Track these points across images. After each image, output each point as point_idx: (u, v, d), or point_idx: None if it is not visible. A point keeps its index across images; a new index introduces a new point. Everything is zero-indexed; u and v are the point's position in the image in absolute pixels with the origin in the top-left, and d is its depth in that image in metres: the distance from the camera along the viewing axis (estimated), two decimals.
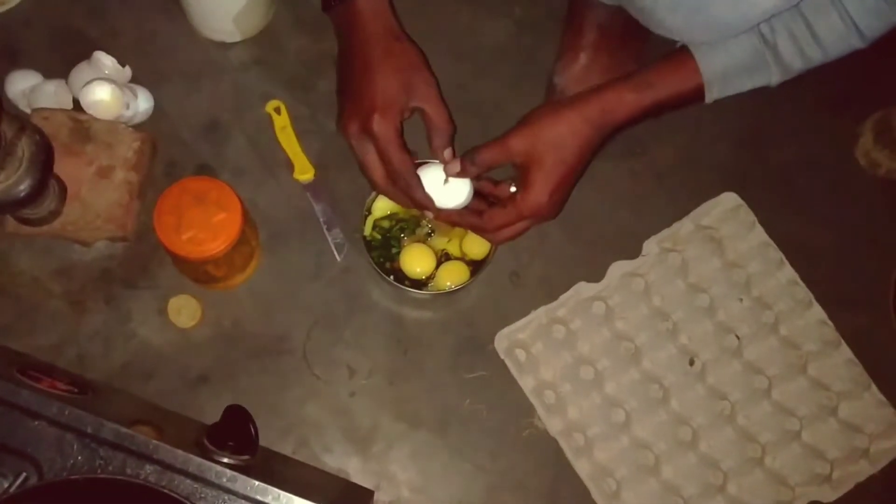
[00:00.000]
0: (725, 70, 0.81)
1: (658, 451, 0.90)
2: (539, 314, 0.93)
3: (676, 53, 0.82)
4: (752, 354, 0.92)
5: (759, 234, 0.96)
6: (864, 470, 0.90)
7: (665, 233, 0.95)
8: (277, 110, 0.97)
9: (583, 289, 0.94)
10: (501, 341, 0.92)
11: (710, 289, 0.94)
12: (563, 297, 0.94)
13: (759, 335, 0.93)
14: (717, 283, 0.94)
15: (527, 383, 0.91)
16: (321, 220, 0.95)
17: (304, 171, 0.95)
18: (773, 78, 0.82)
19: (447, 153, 0.83)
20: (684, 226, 0.95)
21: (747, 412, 0.91)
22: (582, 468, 0.89)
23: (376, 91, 0.80)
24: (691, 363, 0.92)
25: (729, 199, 0.96)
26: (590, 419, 0.90)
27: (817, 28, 0.79)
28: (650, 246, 0.95)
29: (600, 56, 0.96)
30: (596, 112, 0.80)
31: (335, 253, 0.94)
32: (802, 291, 0.94)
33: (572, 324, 0.93)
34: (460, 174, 0.83)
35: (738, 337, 0.92)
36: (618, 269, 0.94)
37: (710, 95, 0.83)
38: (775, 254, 0.95)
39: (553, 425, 0.90)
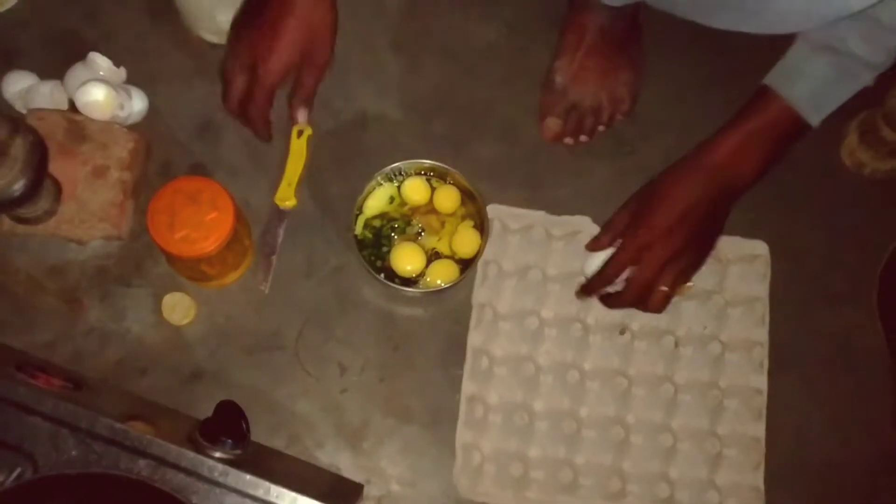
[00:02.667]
0: (813, 92, 0.84)
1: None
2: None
3: (760, 100, 0.86)
4: (681, 378, 0.92)
5: (761, 289, 0.95)
6: None
7: None
8: (300, 133, 0.96)
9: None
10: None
11: (686, 301, 0.94)
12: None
13: (698, 362, 0.93)
14: (695, 299, 0.94)
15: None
16: (270, 244, 0.94)
17: (287, 199, 0.95)
18: (865, 78, 0.83)
19: None
20: None
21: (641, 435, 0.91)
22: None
23: (280, 45, 0.88)
24: (623, 331, 0.93)
25: (757, 247, 0.96)
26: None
27: (882, 17, 0.78)
28: None
29: (600, 57, 0.98)
30: (721, 188, 0.87)
31: (265, 280, 0.93)
32: (761, 356, 0.93)
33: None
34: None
35: (677, 343, 0.93)
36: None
37: (813, 121, 0.85)
38: (761, 310, 0.94)
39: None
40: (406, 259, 0.91)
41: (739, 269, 0.95)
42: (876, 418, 0.93)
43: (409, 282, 0.91)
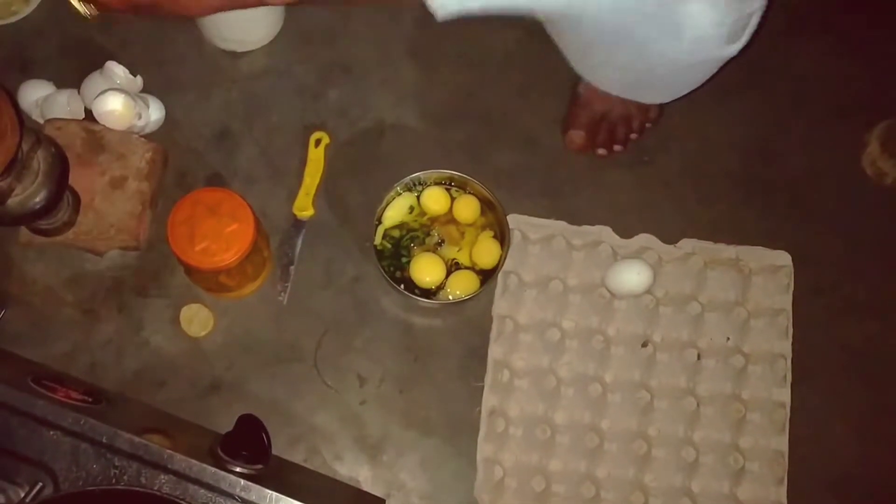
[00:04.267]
0: None
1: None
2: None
3: None
4: (703, 391, 0.91)
5: (784, 300, 0.94)
6: None
7: (707, 243, 0.95)
8: (318, 142, 0.97)
9: None
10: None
11: (709, 313, 0.93)
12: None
13: (721, 374, 0.92)
14: (718, 310, 0.94)
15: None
16: (288, 255, 0.94)
17: (305, 208, 0.95)
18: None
19: None
20: (727, 250, 0.95)
21: (660, 450, 0.90)
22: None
23: None
24: (645, 343, 0.92)
25: (780, 258, 0.95)
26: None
27: None
28: (686, 244, 0.95)
29: None
30: None
31: (283, 291, 0.93)
32: (784, 369, 0.92)
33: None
34: None
35: (699, 356, 0.92)
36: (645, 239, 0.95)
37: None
38: (784, 322, 0.93)
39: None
40: (426, 270, 0.90)
41: (762, 279, 0.94)
42: None
43: (429, 293, 0.90)
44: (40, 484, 0.69)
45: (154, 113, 0.96)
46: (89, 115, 0.93)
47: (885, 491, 0.91)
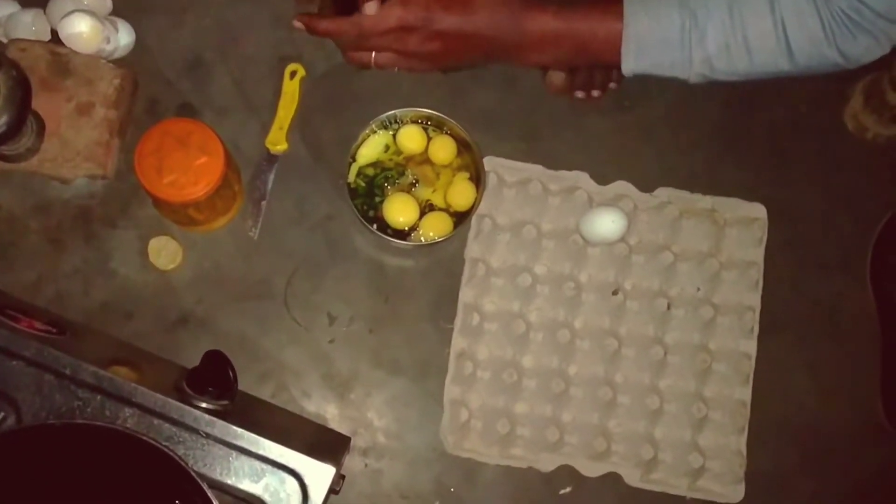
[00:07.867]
0: (648, 32, 0.82)
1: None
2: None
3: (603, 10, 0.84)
4: (671, 340, 0.92)
5: (756, 253, 0.93)
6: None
7: (683, 193, 0.95)
8: (293, 74, 0.94)
9: None
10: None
11: (681, 262, 0.93)
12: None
13: (689, 324, 0.92)
14: (690, 261, 0.93)
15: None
16: (260, 189, 0.92)
17: (278, 143, 0.93)
18: (694, 67, 0.83)
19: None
20: (703, 201, 0.94)
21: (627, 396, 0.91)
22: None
23: None
24: (616, 291, 0.93)
25: (755, 210, 0.94)
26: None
27: (749, 30, 0.80)
28: (663, 192, 0.95)
29: None
30: (506, 47, 0.84)
31: (254, 227, 0.92)
32: (752, 321, 0.92)
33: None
34: None
35: (669, 305, 0.92)
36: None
37: (627, 59, 0.83)
38: (755, 275, 0.93)
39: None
40: (399, 210, 0.89)
41: (737, 231, 0.94)
42: (862, 387, 0.94)
43: (402, 234, 0.89)
44: (2, 413, 0.69)
45: (124, 37, 0.93)
46: (55, 36, 0.90)
47: (844, 444, 0.93)
